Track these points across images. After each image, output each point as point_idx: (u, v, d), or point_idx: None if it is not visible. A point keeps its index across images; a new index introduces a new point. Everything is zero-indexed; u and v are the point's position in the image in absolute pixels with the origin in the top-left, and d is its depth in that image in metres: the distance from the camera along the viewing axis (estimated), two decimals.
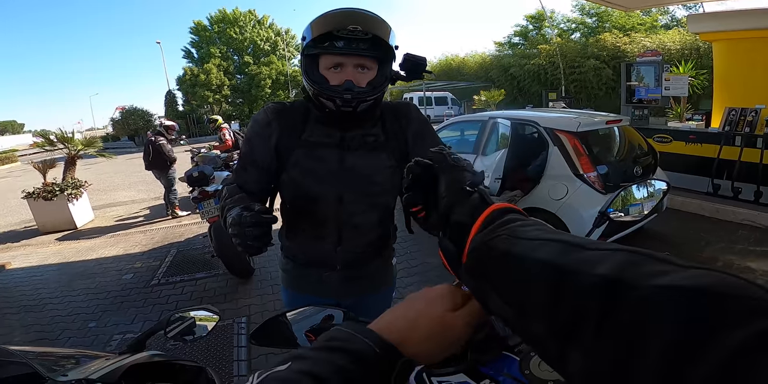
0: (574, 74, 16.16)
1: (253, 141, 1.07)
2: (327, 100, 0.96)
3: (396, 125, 1.10)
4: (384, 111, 1.11)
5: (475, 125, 4.15)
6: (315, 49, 0.95)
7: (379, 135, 1.08)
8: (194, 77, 25.60)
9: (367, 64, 0.96)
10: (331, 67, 0.96)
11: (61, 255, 4.71)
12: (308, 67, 0.98)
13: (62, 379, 0.72)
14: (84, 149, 6.48)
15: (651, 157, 3.62)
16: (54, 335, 2.82)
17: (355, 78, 0.95)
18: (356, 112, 0.98)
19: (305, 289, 1.23)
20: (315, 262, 1.17)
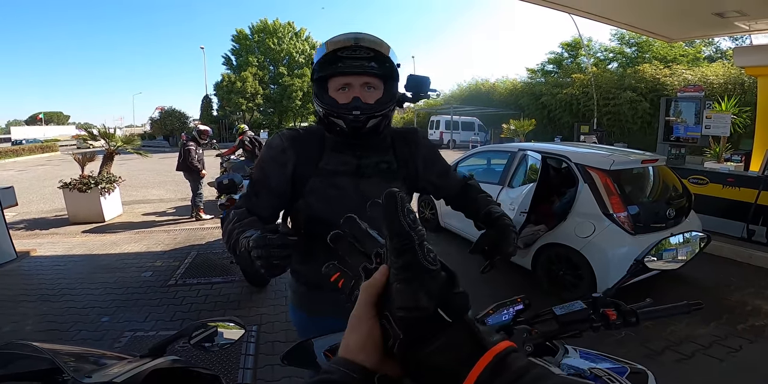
0: (609, 106, 15.70)
1: (267, 167, 1.07)
2: (337, 119, 1.00)
3: (406, 151, 1.13)
4: (394, 137, 1.14)
5: (503, 156, 4.11)
6: (322, 72, 1.00)
7: (392, 162, 1.11)
8: (231, 84, 26.48)
9: (372, 83, 1.01)
10: (340, 89, 1.00)
11: (86, 246, 4.86)
12: (318, 91, 1.03)
13: (87, 380, 0.73)
14: (123, 146, 6.79)
15: (685, 199, 3.50)
16: (65, 327, 2.84)
17: (362, 96, 0.99)
18: (366, 129, 1.01)
19: (318, 310, 1.21)
20: (327, 286, 1.17)
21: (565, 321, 0.80)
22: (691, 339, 2.55)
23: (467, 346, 0.33)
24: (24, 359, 0.89)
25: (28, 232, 5.56)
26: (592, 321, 0.81)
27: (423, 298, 0.33)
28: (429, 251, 0.33)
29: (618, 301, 0.85)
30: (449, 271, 0.35)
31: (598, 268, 2.95)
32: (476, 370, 0.31)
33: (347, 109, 0.98)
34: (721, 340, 2.53)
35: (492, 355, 0.32)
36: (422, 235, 0.34)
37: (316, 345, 0.85)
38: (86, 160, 6.22)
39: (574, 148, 3.84)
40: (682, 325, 2.68)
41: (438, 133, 21.70)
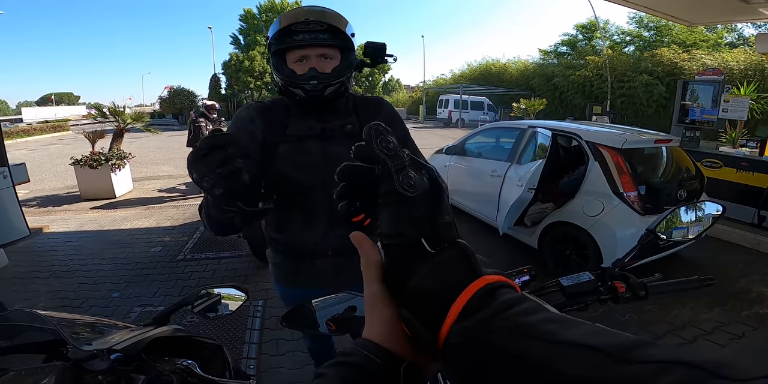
0: (623, 89, 15.45)
1: (238, 134, 1.07)
2: (296, 89, 1.03)
3: (369, 115, 1.17)
4: (357, 103, 1.18)
5: (512, 133, 4.05)
6: (278, 45, 1.03)
7: (355, 124, 1.14)
8: (239, 63, 26.60)
9: (329, 53, 1.04)
10: (297, 61, 1.04)
11: (97, 222, 4.95)
12: (277, 63, 1.06)
13: (86, 347, 0.73)
14: (132, 123, 6.83)
15: (698, 181, 3.44)
16: (77, 303, 2.91)
17: (319, 66, 1.02)
18: (324, 97, 1.04)
19: (297, 281, 1.24)
20: (306, 252, 1.19)
21: (572, 292, 0.77)
22: (693, 324, 2.54)
23: (459, 270, 0.32)
24: (29, 331, 0.90)
25: (40, 209, 5.67)
26: (600, 293, 0.78)
27: (402, 225, 0.33)
28: (407, 178, 0.33)
29: (627, 274, 0.82)
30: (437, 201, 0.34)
31: (606, 248, 2.93)
32: (466, 294, 0.30)
33: (305, 79, 1.02)
34: (724, 325, 2.51)
35: (483, 282, 0.30)
36: (401, 162, 0.33)
37: (318, 314, 0.84)
38: (97, 137, 6.27)
39: (585, 126, 3.77)
40: (686, 310, 2.67)
41: (446, 111, 21.68)
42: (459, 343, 0.29)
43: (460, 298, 0.30)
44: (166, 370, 0.79)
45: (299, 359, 2.24)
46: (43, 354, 0.83)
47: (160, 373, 0.78)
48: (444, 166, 4.95)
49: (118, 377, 0.76)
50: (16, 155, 12.60)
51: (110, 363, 0.75)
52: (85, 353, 0.73)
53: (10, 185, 4.23)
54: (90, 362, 0.74)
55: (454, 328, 0.29)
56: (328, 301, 0.83)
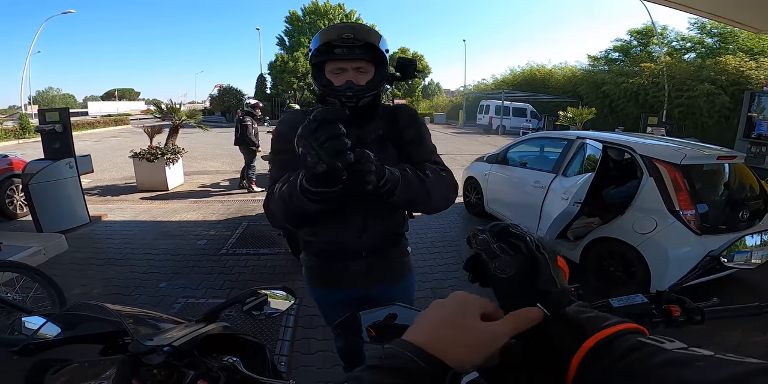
0: (681, 98, 14.51)
1: (286, 135, 1.12)
2: (333, 99, 1.11)
3: (393, 121, 1.24)
4: (386, 111, 1.25)
5: (558, 143, 3.92)
6: (319, 58, 1.12)
7: (384, 130, 1.22)
8: (284, 64, 27.50)
9: (364, 67, 1.12)
10: (335, 72, 1.12)
11: (150, 213, 5.27)
12: (316, 74, 1.15)
13: (149, 343, 0.78)
14: (186, 120, 7.25)
15: (762, 201, 3.17)
16: (128, 291, 3.06)
17: (354, 79, 1.10)
18: (358, 107, 1.11)
19: (330, 282, 1.30)
20: (341, 253, 1.25)
21: (621, 314, 0.76)
22: (743, 346, 2.40)
23: (566, 337, 0.38)
24: (90, 321, 0.97)
25: (100, 198, 6.09)
26: (653, 316, 0.74)
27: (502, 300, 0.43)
28: (500, 264, 0.42)
29: (683, 298, 0.78)
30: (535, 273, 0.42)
31: (655, 267, 2.77)
32: (576, 359, 0.35)
33: (341, 91, 1.10)
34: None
35: (594, 341, 0.36)
36: (492, 253, 0.43)
37: (363, 319, 0.86)
38: (155, 132, 6.70)
39: (640, 139, 3.58)
40: (737, 332, 2.51)
41: (487, 117, 21.31)
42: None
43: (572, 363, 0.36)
44: (214, 367, 0.82)
45: (330, 359, 2.27)
46: (100, 344, 0.88)
47: (209, 370, 0.81)
48: (484, 175, 4.89)
49: (171, 371, 0.80)
50: (81, 146, 13.51)
51: (165, 357, 0.79)
52: (146, 348, 0.78)
53: (76, 175, 4.54)
54: (147, 356, 0.78)
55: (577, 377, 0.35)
56: (375, 314, 0.83)
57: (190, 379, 0.79)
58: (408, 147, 1.24)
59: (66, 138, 4.50)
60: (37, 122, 4.63)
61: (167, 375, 0.80)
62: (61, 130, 4.42)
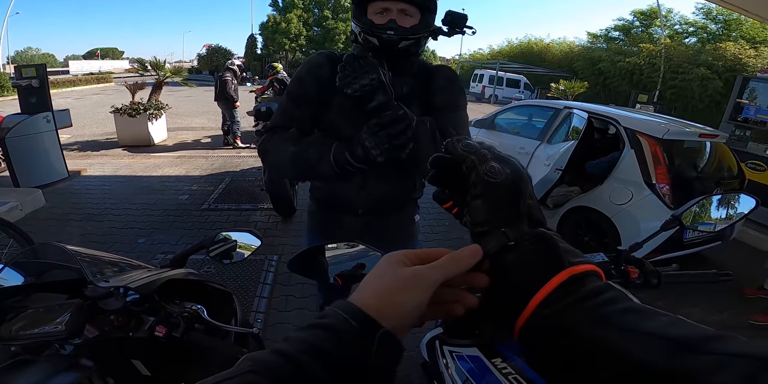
0: (675, 80, 14.46)
1: (306, 79, 1.12)
2: (372, 37, 1.05)
3: (427, 79, 1.16)
4: (422, 67, 1.18)
5: (546, 112, 3.91)
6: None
7: (414, 87, 1.14)
8: (276, 25, 26.68)
9: (409, 10, 1.04)
10: (378, 13, 1.04)
11: (131, 168, 5.17)
12: (357, 13, 1.08)
13: (103, 284, 0.76)
14: (171, 76, 7.05)
15: (738, 182, 3.26)
16: (105, 247, 2.95)
17: (398, 19, 1.03)
18: (398, 50, 1.05)
19: (325, 231, 1.29)
20: (338, 205, 1.23)
21: None
22: (700, 324, 2.49)
23: (542, 263, 0.34)
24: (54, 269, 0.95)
25: (80, 153, 5.92)
26: (611, 276, 0.76)
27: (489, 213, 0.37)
28: (490, 167, 0.38)
29: (642, 260, 0.80)
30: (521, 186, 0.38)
31: (627, 238, 2.85)
32: (548, 287, 0.32)
33: (382, 29, 1.03)
34: (732, 329, 2.35)
35: (567, 274, 0.33)
36: (483, 155, 0.39)
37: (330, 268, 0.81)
38: (137, 88, 6.47)
39: (626, 112, 3.59)
40: (696, 309, 2.59)
41: (480, 86, 21.28)
42: (539, 328, 0.32)
43: (542, 290, 0.32)
44: (174, 313, 0.80)
45: (307, 317, 2.29)
46: (66, 293, 0.85)
47: (169, 315, 0.80)
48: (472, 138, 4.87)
49: (129, 317, 0.79)
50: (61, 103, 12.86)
51: (124, 303, 0.78)
52: (102, 290, 0.76)
53: (53, 129, 4.41)
54: (104, 301, 0.77)
55: (536, 314, 0.32)
56: (342, 252, 0.82)
57: (149, 325, 0.77)
58: (439, 113, 1.14)
59: (43, 93, 4.36)
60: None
61: (125, 320, 0.78)
62: (38, 84, 4.29)
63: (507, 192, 0.37)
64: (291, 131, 1.09)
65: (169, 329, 0.77)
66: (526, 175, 0.39)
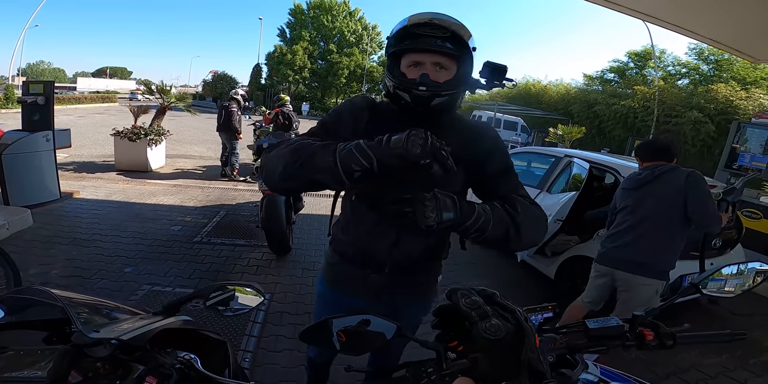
0: (669, 124, 14.77)
1: (343, 115, 1.08)
2: (403, 92, 0.99)
3: (472, 140, 1.10)
4: (463, 126, 1.12)
5: (546, 159, 3.94)
6: (396, 47, 1.00)
7: (454, 146, 1.05)
8: (282, 55, 27.53)
9: (444, 63, 0.98)
10: (411, 65, 0.99)
11: (125, 194, 5.11)
12: (391, 66, 1.03)
13: (94, 335, 0.72)
14: (175, 102, 7.11)
15: (735, 231, 3.25)
16: (89, 274, 2.90)
17: (431, 74, 0.97)
18: (430, 107, 0.98)
19: (344, 286, 1.22)
20: (364, 261, 1.16)
21: (596, 335, 0.76)
22: (698, 367, 2.47)
23: None
24: (38, 306, 0.89)
25: (75, 174, 5.87)
26: (626, 339, 0.77)
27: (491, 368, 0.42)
28: (490, 325, 0.41)
29: (658, 322, 0.80)
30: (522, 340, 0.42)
31: None
32: None
33: (413, 84, 0.97)
34: (729, 371, 2.46)
35: None
36: (484, 312, 0.42)
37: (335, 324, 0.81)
38: (140, 112, 6.53)
39: (625, 162, 3.62)
40: (694, 353, 2.57)
41: None
42: None
43: None
44: (166, 363, 0.77)
45: (296, 358, 2.21)
46: (45, 331, 0.82)
47: (161, 365, 0.76)
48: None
49: (117, 365, 0.75)
50: (63, 120, 13.21)
51: (112, 350, 0.73)
52: (90, 340, 0.72)
53: (51, 148, 4.38)
54: (92, 348, 0.73)
55: None
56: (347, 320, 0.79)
57: (138, 375, 0.73)
58: (494, 178, 1.11)
59: (47, 111, 4.35)
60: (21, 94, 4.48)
61: (112, 369, 0.74)
62: (43, 102, 4.29)
63: (506, 348, 0.41)
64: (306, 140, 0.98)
65: (160, 380, 0.73)
66: (528, 329, 0.41)
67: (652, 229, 2.13)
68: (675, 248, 2.16)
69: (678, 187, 2.08)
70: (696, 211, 2.03)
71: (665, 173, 2.16)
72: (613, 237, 2.30)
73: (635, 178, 2.29)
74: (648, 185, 2.19)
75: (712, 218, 2.05)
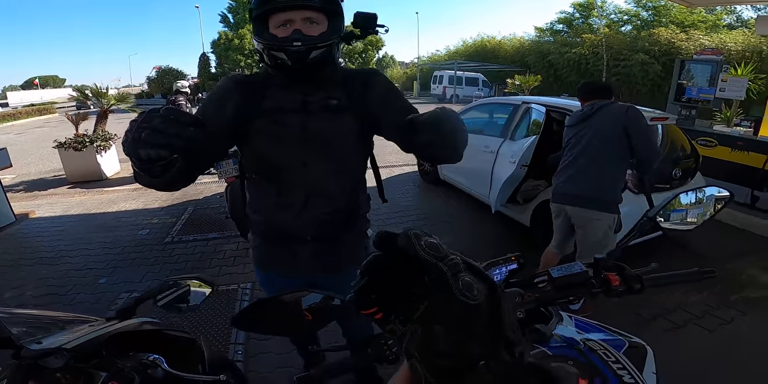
0: (618, 67, 15.45)
1: (208, 106, 1.04)
2: (278, 52, 0.96)
3: (359, 90, 1.08)
4: (347, 76, 1.10)
5: (506, 109, 3.98)
6: (260, 9, 0.96)
7: (342, 98, 1.06)
8: (228, 42, 26.28)
9: (315, 17, 0.97)
10: (280, 25, 0.96)
11: (84, 206, 4.86)
12: (258, 29, 0.99)
13: (35, 347, 0.70)
14: (116, 104, 6.69)
15: (693, 160, 3.39)
16: (65, 290, 2.84)
17: (304, 29, 0.96)
18: (309, 61, 0.97)
19: (276, 266, 1.19)
20: (283, 236, 1.13)
21: (561, 284, 0.69)
22: (683, 307, 2.51)
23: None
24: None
25: (27, 194, 5.53)
26: (592, 286, 0.70)
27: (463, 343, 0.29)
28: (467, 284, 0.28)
29: (622, 265, 0.74)
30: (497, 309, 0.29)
31: None
32: None
33: (288, 41, 0.95)
34: (714, 310, 2.49)
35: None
36: (456, 266, 0.29)
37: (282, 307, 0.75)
38: (80, 119, 6.12)
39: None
40: (678, 293, 2.62)
41: (441, 87, 21.93)
42: None
43: None
44: (127, 367, 0.77)
45: (287, 343, 2.17)
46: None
47: (122, 370, 0.76)
48: None
49: (78, 375, 0.74)
50: (2, 139, 12.33)
51: (67, 360, 0.72)
52: (34, 352, 0.70)
53: None
54: (45, 360, 0.71)
55: None
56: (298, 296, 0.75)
57: (102, 381, 0.73)
58: (385, 111, 1.07)
59: None
60: None
61: (73, 378, 0.73)
62: None
63: (484, 316, 0.29)
64: None
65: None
66: (500, 288, 0.31)
67: (591, 162, 2.17)
68: (617, 180, 2.20)
69: (616, 120, 2.12)
70: (639, 143, 2.08)
71: (603, 107, 2.20)
72: (559, 174, 2.34)
73: (576, 114, 2.33)
74: (587, 120, 2.23)
75: (653, 151, 2.12)
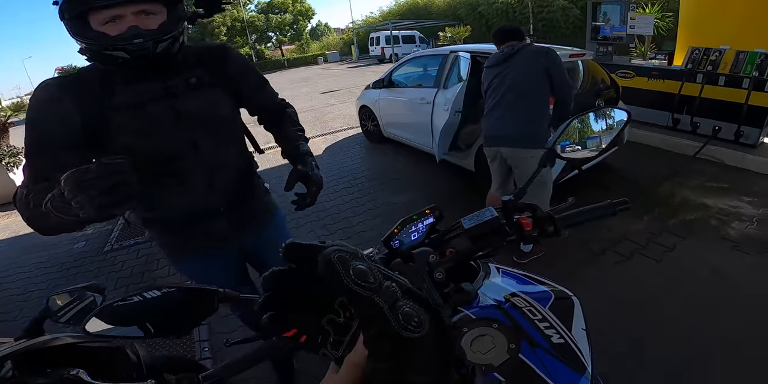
0: (543, 13, 16.28)
1: (41, 125, 0.89)
2: (116, 51, 0.85)
3: (218, 65, 1.08)
4: (201, 53, 1.06)
5: (436, 60, 3.98)
6: (74, 9, 0.83)
7: (203, 75, 1.04)
8: None
9: (150, 8, 0.87)
10: (107, 22, 0.85)
11: (9, 229, 4.45)
12: (78, 29, 0.85)
13: None
14: (14, 115, 6.07)
15: (613, 90, 3.57)
16: (12, 316, 2.70)
17: (141, 23, 0.86)
18: (156, 55, 0.89)
19: (197, 249, 1.15)
20: (194, 217, 1.10)
21: (475, 235, 0.61)
22: (628, 237, 2.57)
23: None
24: None
25: None
26: (506, 233, 0.63)
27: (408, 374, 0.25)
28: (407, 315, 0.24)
29: (532, 204, 0.68)
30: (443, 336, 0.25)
31: None
32: None
33: (126, 39, 0.84)
34: (656, 237, 2.55)
35: None
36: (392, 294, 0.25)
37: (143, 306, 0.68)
38: None
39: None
40: (618, 221, 2.68)
41: (379, 48, 22.15)
42: None
43: None
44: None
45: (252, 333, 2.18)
46: None
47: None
48: (375, 101, 4.91)
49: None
50: None
51: None
52: None
53: None
54: None
55: None
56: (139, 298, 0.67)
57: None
58: (255, 94, 1.19)
59: None
60: None
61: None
62: None
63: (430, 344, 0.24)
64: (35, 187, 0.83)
65: None
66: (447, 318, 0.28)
67: (519, 98, 2.23)
68: (543, 115, 2.27)
69: (537, 59, 2.19)
70: (557, 81, 2.19)
71: (523, 48, 2.25)
72: (487, 115, 2.37)
73: (496, 56, 2.35)
74: (509, 60, 2.26)
75: (569, 87, 2.23)
